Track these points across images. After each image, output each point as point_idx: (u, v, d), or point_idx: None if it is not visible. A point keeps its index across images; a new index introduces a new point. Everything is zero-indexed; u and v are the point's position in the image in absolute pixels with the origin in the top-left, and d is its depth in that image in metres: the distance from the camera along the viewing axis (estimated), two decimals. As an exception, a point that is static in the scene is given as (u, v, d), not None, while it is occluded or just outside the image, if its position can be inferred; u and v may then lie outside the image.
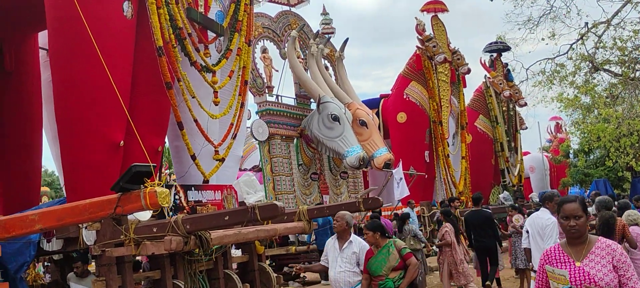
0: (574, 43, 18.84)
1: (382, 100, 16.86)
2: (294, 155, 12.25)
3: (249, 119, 11.32)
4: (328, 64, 14.03)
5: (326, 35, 13.88)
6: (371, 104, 16.09)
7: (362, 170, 15.00)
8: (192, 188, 7.60)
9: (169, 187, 7.22)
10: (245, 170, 15.26)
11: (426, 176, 15.97)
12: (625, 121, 16.32)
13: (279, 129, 11.91)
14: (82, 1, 6.60)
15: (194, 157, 7.91)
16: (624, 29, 16.91)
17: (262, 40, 12.20)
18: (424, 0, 16.94)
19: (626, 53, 16.82)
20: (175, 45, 7.48)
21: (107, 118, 6.89)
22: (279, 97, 12.42)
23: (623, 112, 16.72)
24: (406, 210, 14.46)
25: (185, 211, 7.28)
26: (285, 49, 12.28)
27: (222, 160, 8.38)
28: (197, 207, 7.58)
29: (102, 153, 6.87)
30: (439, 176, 16.56)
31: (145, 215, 6.32)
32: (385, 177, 12.88)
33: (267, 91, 12.00)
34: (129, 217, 5.72)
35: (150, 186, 4.60)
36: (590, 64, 19.02)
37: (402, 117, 16.13)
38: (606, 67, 17.47)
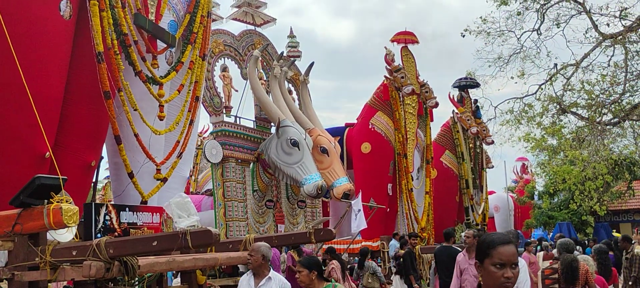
0: (542, 84, 18.74)
1: (347, 129, 16.39)
2: (249, 180, 11.64)
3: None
4: (292, 88, 13.54)
5: (291, 58, 13.39)
6: (336, 132, 15.62)
7: (323, 199, 14.45)
8: (126, 208, 6.94)
9: (98, 205, 6.59)
10: (205, 193, 14.62)
11: (389, 210, 15.49)
12: (591, 164, 16.16)
13: (235, 152, 11.31)
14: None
15: (131, 175, 7.28)
16: (592, 71, 16.88)
17: (222, 58, 11.65)
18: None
19: (593, 97, 16.76)
20: (118, 52, 6.90)
21: (35, 127, 6.25)
22: (238, 119, 11.85)
23: (589, 156, 16.57)
24: (376, 243, 14.05)
25: (116, 233, 6.63)
26: (247, 68, 11.74)
27: (165, 180, 7.77)
28: (131, 229, 6.93)
29: (28, 165, 6.21)
30: (401, 210, 16.08)
31: (67, 237, 5.67)
32: (343, 208, 12.35)
33: (224, 111, 11.42)
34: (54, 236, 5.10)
35: (56, 202, 4.00)
36: (558, 106, 18.94)
37: (366, 147, 15.66)
38: (573, 110, 17.39)
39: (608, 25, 16.50)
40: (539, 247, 16.13)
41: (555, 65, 18.36)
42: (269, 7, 12.48)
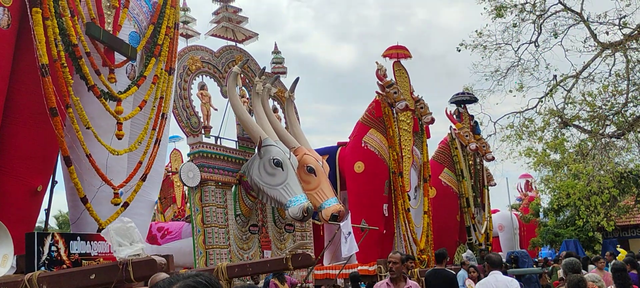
0: (542, 97, 18.08)
1: (339, 149, 15.68)
2: (231, 204, 10.92)
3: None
4: (278, 106, 12.89)
5: (275, 74, 12.76)
6: (327, 151, 14.95)
7: (314, 222, 13.73)
8: (78, 238, 6.23)
9: (44, 235, 5.89)
10: (186, 220, 13.89)
11: (385, 231, 14.71)
12: (596, 178, 15.43)
13: (214, 174, 10.61)
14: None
15: (85, 200, 6.59)
16: (593, 82, 16.23)
17: (200, 76, 11.03)
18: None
19: (595, 108, 16.12)
20: (65, 64, 6.25)
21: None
22: (219, 140, 11.18)
23: (593, 169, 15.86)
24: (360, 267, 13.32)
25: (64, 266, 5.92)
26: (226, 85, 11.10)
27: (125, 205, 7.07)
28: (83, 261, 6.21)
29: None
30: (398, 232, 15.29)
31: (1, 271, 4.99)
32: (332, 231, 11.61)
33: (203, 132, 10.76)
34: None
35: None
36: (560, 119, 18.24)
37: (359, 166, 14.93)
38: (575, 122, 16.74)
39: (607, 33, 15.82)
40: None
41: (555, 77, 17.71)
42: (269, 34, 11.97)
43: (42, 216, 7.14)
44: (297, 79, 12.82)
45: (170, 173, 17.93)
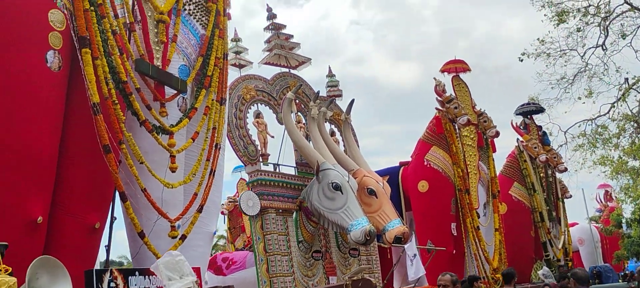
0: (614, 102, 17.20)
1: (402, 169, 15.36)
2: (292, 230, 10.80)
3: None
4: (335, 129, 12.76)
5: (330, 97, 12.65)
6: (389, 172, 14.66)
7: (380, 246, 13.42)
8: (136, 273, 6.25)
9: (102, 271, 5.94)
10: (250, 249, 13.90)
11: (455, 251, 14.21)
12: (681, 182, 14.43)
13: (274, 202, 10.53)
14: (-4, 51, 5.61)
15: (142, 235, 6.63)
16: (669, 80, 15.32)
17: (255, 105, 11.05)
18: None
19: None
20: (116, 101, 6.35)
21: (25, 189, 5.73)
22: (278, 167, 11.13)
23: (677, 173, 14.87)
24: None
25: (123, 302, 5.95)
26: (281, 112, 11.07)
27: (183, 237, 7.07)
28: (143, 297, 6.23)
29: (20, 232, 5.66)
30: (469, 251, 14.75)
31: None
32: (399, 254, 11.28)
33: (261, 159, 10.73)
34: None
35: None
36: (635, 124, 17.26)
37: (423, 185, 14.55)
38: (654, 126, 15.82)
39: (680, 29, 14.92)
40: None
41: (626, 80, 16.79)
42: (329, 59, 11.97)
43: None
44: (353, 101, 12.68)
45: (237, 203, 18.08)
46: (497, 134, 16.01)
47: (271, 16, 11.76)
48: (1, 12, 5.80)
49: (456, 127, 14.94)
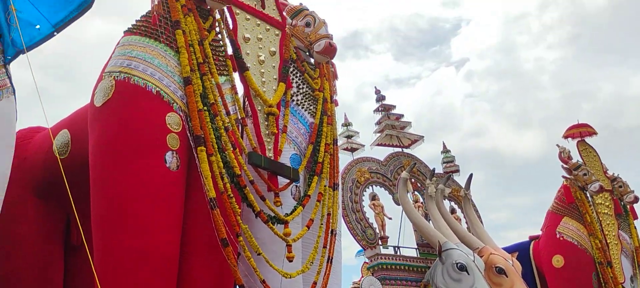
0: None
1: (532, 243, 14.42)
2: (418, 316, 10.34)
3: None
4: (456, 206, 12.32)
5: (447, 174, 12.30)
6: (518, 248, 13.73)
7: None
8: None
9: None
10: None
11: (601, 331, 12.90)
12: None
13: (397, 286, 10.23)
14: (119, 157, 5.98)
15: (262, 326, 6.56)
16: None
17: (370, 187, 10.98)
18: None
19: None
20: (231, 195, 6.49)
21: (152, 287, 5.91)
22: (398, 249, 10.85)
23: None
24: None
25: None
26: (397, 193, 10.88)
27: (304, 327, 6.93)
28: None
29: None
30: (619, 329, 13.33)
31: None
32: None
33: (380, 243, 10.53)
34: None
35: None
36: None
37: (558, 260, 13.49)
38: None
39: None
40: None
41: None
42: (445, 135, 11.86)
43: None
44: (471, 175, 12.16)
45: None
46: (636, 199, 14.70)
47: (380, 98, 11.86)
48: (124, 122, 6.23)
49: (588, 195, 13.93)
